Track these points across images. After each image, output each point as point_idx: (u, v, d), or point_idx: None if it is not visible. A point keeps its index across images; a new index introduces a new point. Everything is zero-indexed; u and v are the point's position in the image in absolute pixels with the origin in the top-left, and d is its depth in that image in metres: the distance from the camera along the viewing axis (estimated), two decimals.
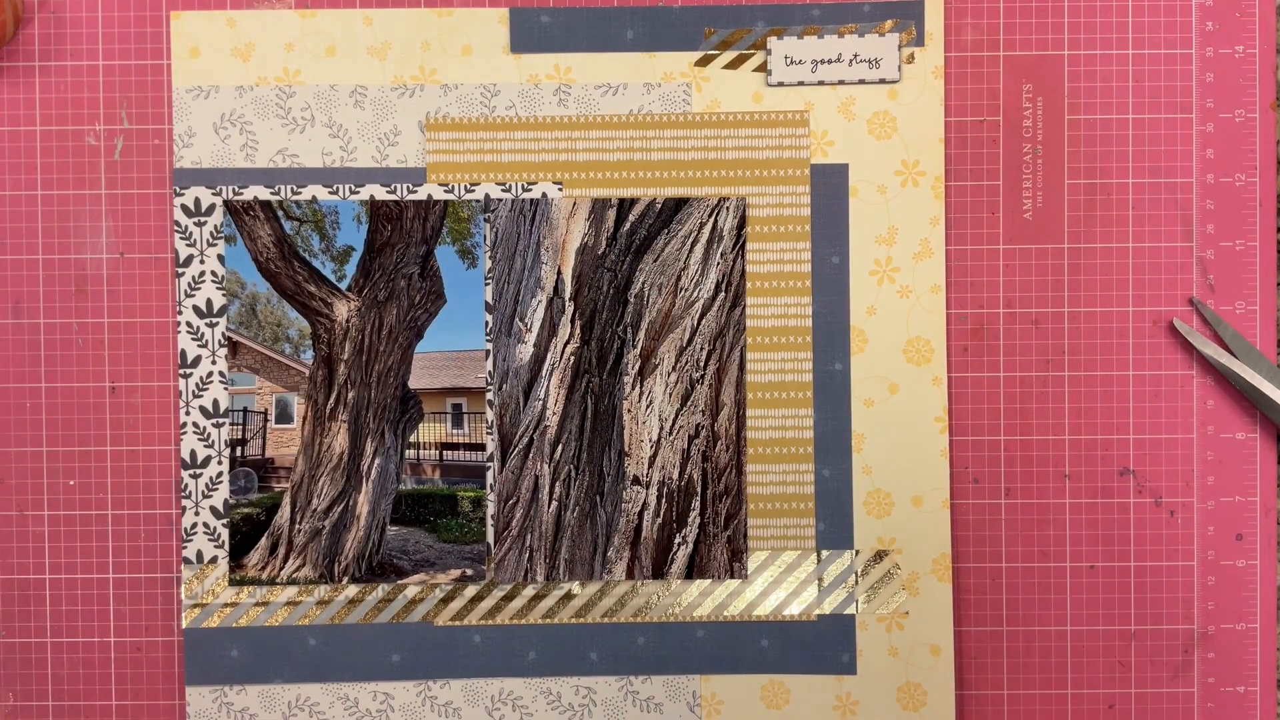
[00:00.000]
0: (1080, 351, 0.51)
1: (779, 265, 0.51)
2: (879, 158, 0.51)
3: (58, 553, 0.51)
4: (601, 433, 0.51)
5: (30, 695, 0.51)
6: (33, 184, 0.51)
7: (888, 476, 0.51)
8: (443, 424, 0.51)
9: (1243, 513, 0.51)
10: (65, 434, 0.51)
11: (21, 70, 0.51)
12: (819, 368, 0.51)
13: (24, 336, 0.51)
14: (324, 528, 0.51)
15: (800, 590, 0.51)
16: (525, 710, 0.51)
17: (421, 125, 0.50)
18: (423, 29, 0.50)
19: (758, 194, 0.51)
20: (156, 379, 0.51)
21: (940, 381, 0.51)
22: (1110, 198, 0.51)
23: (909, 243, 0.51)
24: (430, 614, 0.51)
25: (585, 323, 0.51)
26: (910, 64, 0.51)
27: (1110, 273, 0.51)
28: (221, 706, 0.50)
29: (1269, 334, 0.51)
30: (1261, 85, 0.51)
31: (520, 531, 0.51)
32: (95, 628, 0.51)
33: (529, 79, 0.50)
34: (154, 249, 0.51)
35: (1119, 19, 0.51)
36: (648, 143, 0.51)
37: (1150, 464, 0.51)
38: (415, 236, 0.51)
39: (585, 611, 0.51)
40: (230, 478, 0.51)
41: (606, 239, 0.51)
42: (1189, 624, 0.51)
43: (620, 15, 0.51)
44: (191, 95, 0.50)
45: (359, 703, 0.50)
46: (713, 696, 0.51)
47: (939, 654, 0.51)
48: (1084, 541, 0.51)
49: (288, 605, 0.50)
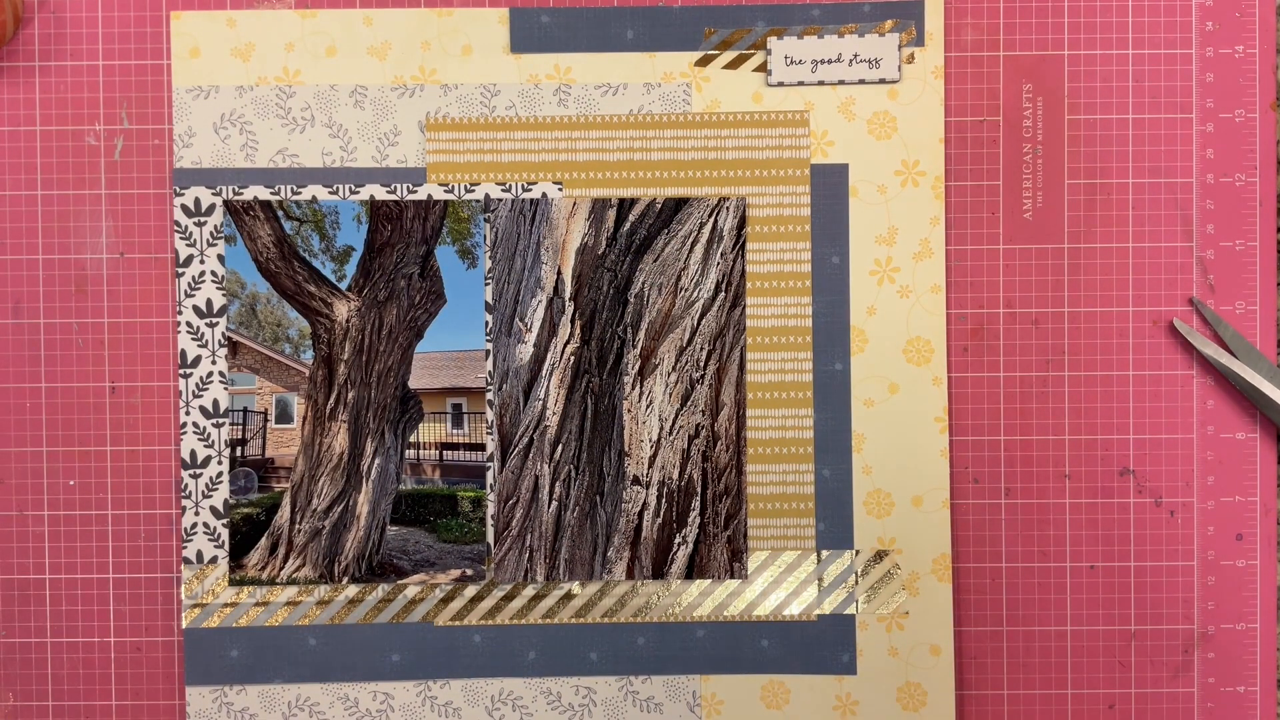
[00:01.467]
0: (1080, 351, 0.51)
1: (779, 265, 0.51)
2: (879, 158, 0.51)
3: (58, 553, 0.51)
4: (601, 433, 0.51)
5: (30, 695, 0.51)
6: (33, 184, 0.51)
7: (888, 476, 0.51)
8: (443, 424, 0.51)
9: (1243, 513, 0.51)
10: (65, 434, 0.51)
11: (21, 70, 0.51)
12: (819, 368, 0.51)
13: (24, 336, 0.51)
14: (324, 528, 0.51)
15: (800, 590, 0.51)
16: (525, 710, 0.51)
17: (421, 125, 0.50)
18: (423, 29, 0.50)
19: (758, 194, 0.51)
20: (156, 379, 0.51)
21: (940, 381, 0.51)
22: (1110, 198, 0.51)
23: (909, 243, 0.51)
24: (430, 614, 0.51)
25: (585, 323, 0.51)
26: (910, 64, 0.51)
27: (1110, 273, 0.51)
28: (221, 706, 0.50)
29: (1269, 334, 0.51)
30: (1261, 85, 0.51)
31: (520, 531, 0.51)
32: (95, 628, 0.51)
33: (529, 79, 0.50)
34: (154, 249, 0.51)
35: (1119, 19, 0.51)
36: (648, 143, 0.51)
37: (1150, 464, 0.51)
38: (415, 236, 0.51)
39: (585, 611, 0.51)
40: (230, 478, 0.51)
41: (606, 239, 0.51)
42: (1189, 624, 0.51)
43: (620, 15, 0.51)
44: (191, 95, 0.50)
45: (359, 703, 0.50)
46: (713, 696, 0.51)
47: (939, 654, 0.51)
48: (1084, 541, 0.51)
49: (288, 605, 0.50)
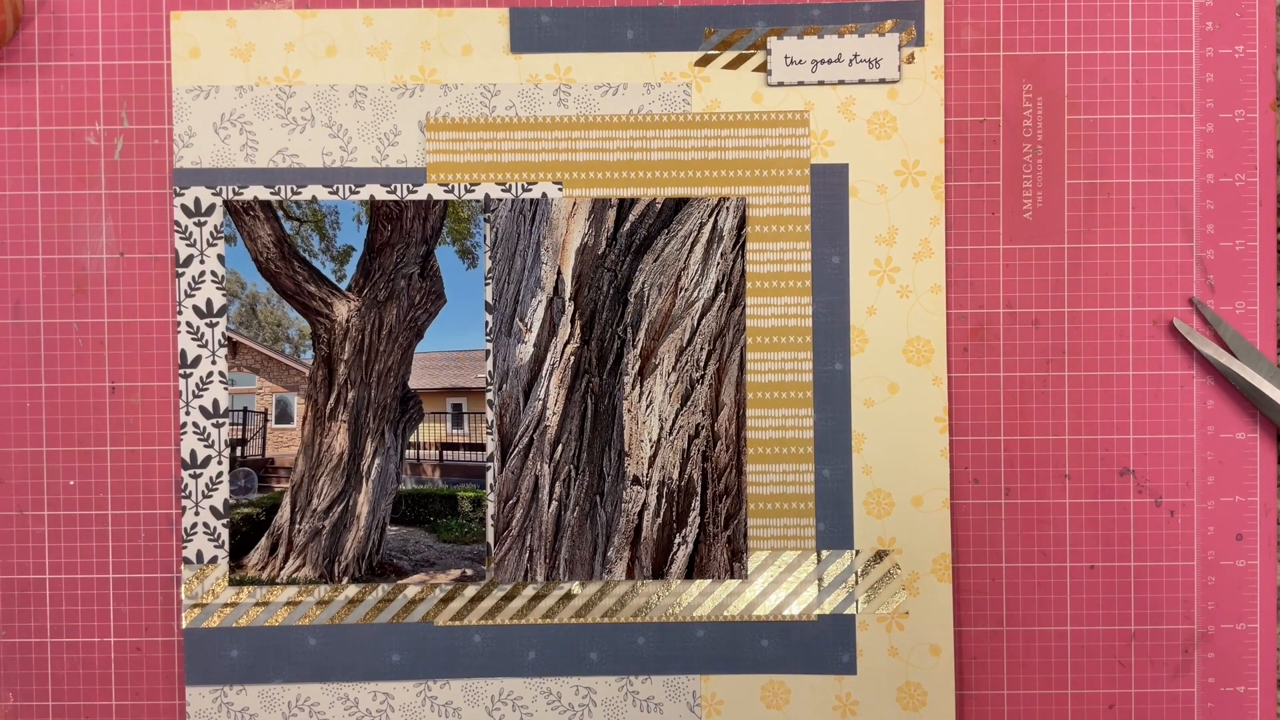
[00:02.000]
0: (1080, 351, 0.51)
1: (779, 265, 0.51)
2: (879, 158, 0.51)
3: (58, 553, 0.51)
4: (601, 433, 0.51)
5: (30, 695, 0.51)
6: (33, 184, 0.51)
7: (888, 476, 0.51)
8: (443, 424, 0.51)
9: (1243, 513, 0.51)
10: (65, 434, 0.51)
11: (21, 70, 0.51)
12: (819, 368, 0.51)
13: (24, 336, 0.51)
14: (324, 528, 0.51)
15: (800, 590, 0.51)
16: (525, 710, 0.51)
17: (421, 125, 0.50)
18: (423, 29, 0.50)
19: (758, 194, 0.51)
20: (156, 379, 0.51)
21: (940, 381, 0.51)
22: (1110, 198, 0.51)
23: (909, 243, 0.51)
24: (430, 614, 0.51)
25: (585, 323, 0.51)
26: (910, 64, 0.51)
27: (1110, 273, 0.51)
28: (221, 706, 0.50)
29: (1269, 334, 0.51)
30: (1261, 85, 0.51)
31: (520, 531, 0.51)
32: (95, 628, 0.51)
33: (529, 79, 0.50)
34: (154, 249, 0.51)
35: (1119, 19, 0.51)
36: (648, 143, 0.51)
37: (1150, 464, 0.51)
38: (415, 236, 0.51)
39: (585, 611, 0.51)
40: (230, 478, 0.51)
41: (606, 239, 0.51)
42: (1189, 624, 0.51)
43: (620, 15, 0.51)
44: (191, 95, 0.50)
45: (359, 703, 0.50)
46: (713, 696, 0.51)
47: (939, 654, 0.51)
48: (1084, 541, 0.51)
49: (288, 605, 0.50)
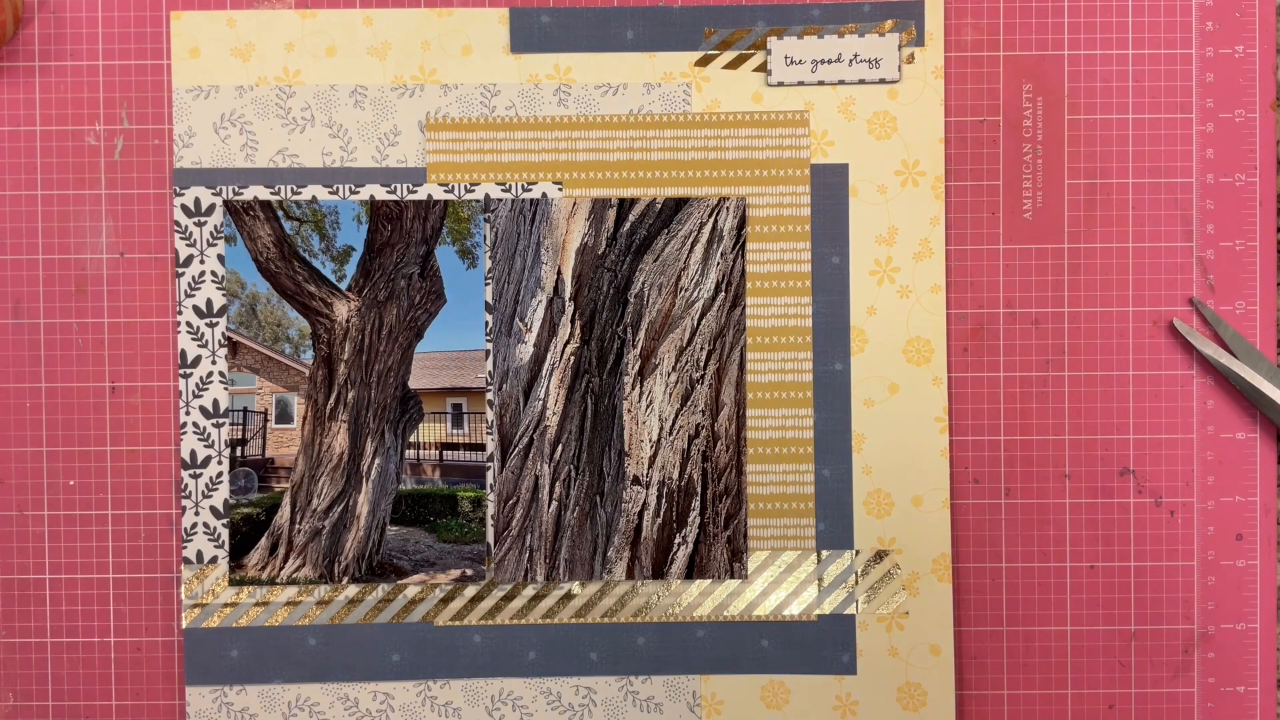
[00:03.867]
0: (1080, 351, 0.51)
1: (779, 265, 0.51)
2: (879, 158, 0.51)
3: (58, 553, 0.51)
4: (601, 433, 0.51)
5: (30, 695, 0.51)
6: (33, 184, 0.51)
7: (888, 476, 0.51)
8: (443, 424, 0.51)
9: (1243, 513, 0.51)
10: (65, 434, 0.51)
11: (21, 70, 0.51)
12: (819, 368, 0.51)
13: (24, 336, 0.51)
14: (324, 528, 0.51)
15: (800, 590, 0.51)
16: (525, 710, 0.51)
17: (421, 125, 0.50)
18: (423, 29, 0.50)
19: (758, 194, 0.51)
20: (156, 379, 0.51)
21: (940, 381, 0.51)
22: (1110, 198, 0.51)
23: (909, 243, 0.51)
24: (430, 614, 0.51)
25: (585, 323, 0.51)
26: (910, 64, 0.51)
27: (1110, 273, 0.51)
28: (221, 706, 0.50)
29: (1269, 334, 0.51)
30: (1261, 85, 0.51)
31: (520, 531, 0.51)
32: (95, 628, 0.51)
33: (529, 79, 0.50)
34: (154, 249, 0.51)
35: (1119, 19, 0.51)
36: (648, 143, 0.51)
37: (1150, 464, 0.51)
38: (415, 236, 0.51)
39: (585, 611, 0.51)
40: (230, 478, 0.51)
41: (606, 239, 0.51)
42: (1189, 624, 0.51)
43: (620, 15, 0.51)
44: (191, 95, 0.50)
45: (359, 703, 0.50)
46: (713, 696, 0.51)
47: (939, 654, 0.51)
48: (1084, 541, 0.51)
49: (288, 605, 0.50)
